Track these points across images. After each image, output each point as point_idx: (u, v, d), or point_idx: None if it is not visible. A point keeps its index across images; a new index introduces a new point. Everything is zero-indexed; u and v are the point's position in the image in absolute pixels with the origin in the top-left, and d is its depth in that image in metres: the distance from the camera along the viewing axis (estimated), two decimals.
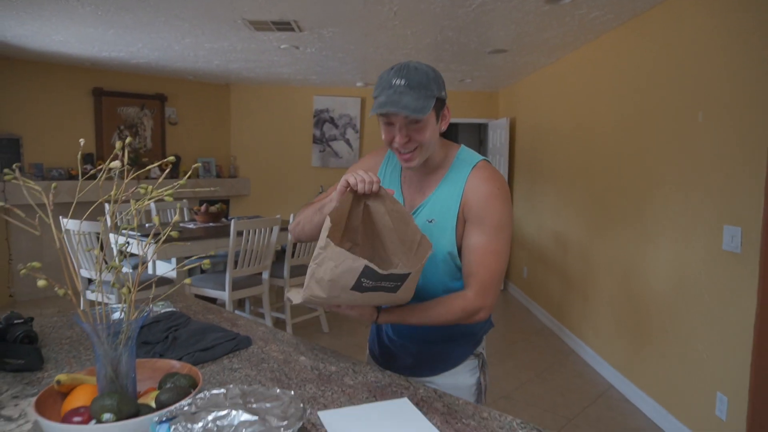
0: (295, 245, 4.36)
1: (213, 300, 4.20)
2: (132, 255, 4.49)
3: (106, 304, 1.08)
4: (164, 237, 1.10)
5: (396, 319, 1.32)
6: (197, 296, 3.97)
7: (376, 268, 1.13)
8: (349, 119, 7.10)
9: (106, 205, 1.06)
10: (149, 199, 0.97)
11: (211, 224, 4.54)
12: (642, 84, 3.36)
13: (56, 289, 1.00)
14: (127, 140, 1.24)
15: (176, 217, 1.16)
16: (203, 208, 4.62)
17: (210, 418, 0.91)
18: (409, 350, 1.47)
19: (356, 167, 1.42)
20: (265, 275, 4.18)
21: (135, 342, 1.07)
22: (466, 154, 1.35)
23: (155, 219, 1.14)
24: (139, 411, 0.97)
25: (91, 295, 3.85)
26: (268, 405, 0.97)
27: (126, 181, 1.06)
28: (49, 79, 5.47)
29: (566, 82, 4.68)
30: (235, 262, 3.88)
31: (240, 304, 4.82)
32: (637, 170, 3.42)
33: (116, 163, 0.89)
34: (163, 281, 4.09)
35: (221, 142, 7.04)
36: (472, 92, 6.99)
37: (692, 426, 2.80)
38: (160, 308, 1.89)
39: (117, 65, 5.50)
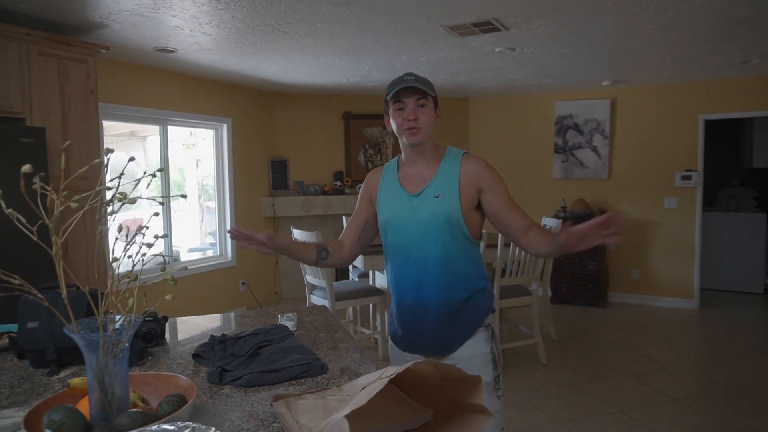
0: (504, 263, 4.00)
1: None
2: (354, 267, 4.79)
3: (110, 313, 1.06)
4: None
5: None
6: None
7: None
8: (597, 124, 6.29)
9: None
10: None
11: None
12: None
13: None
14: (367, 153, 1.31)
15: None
16: None
17: None
18: (428, 322, 1.70)
19: (363, 189, 1.88)
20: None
21: (126, 354, 1.02)
22: (453, 149, 1.77)
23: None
24: (90, 430, 0.90)
25: (314, 299, 4.20)
26: None
27: None
28: (309, 107, 6.35)
29: None
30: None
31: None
32: None
33: None
34: (376, 292, 4.23)
35: None
36: (761, 77, 5.39)
37: None
38: (285, 320, 1.88)
39: (359, 90, 6.02)
